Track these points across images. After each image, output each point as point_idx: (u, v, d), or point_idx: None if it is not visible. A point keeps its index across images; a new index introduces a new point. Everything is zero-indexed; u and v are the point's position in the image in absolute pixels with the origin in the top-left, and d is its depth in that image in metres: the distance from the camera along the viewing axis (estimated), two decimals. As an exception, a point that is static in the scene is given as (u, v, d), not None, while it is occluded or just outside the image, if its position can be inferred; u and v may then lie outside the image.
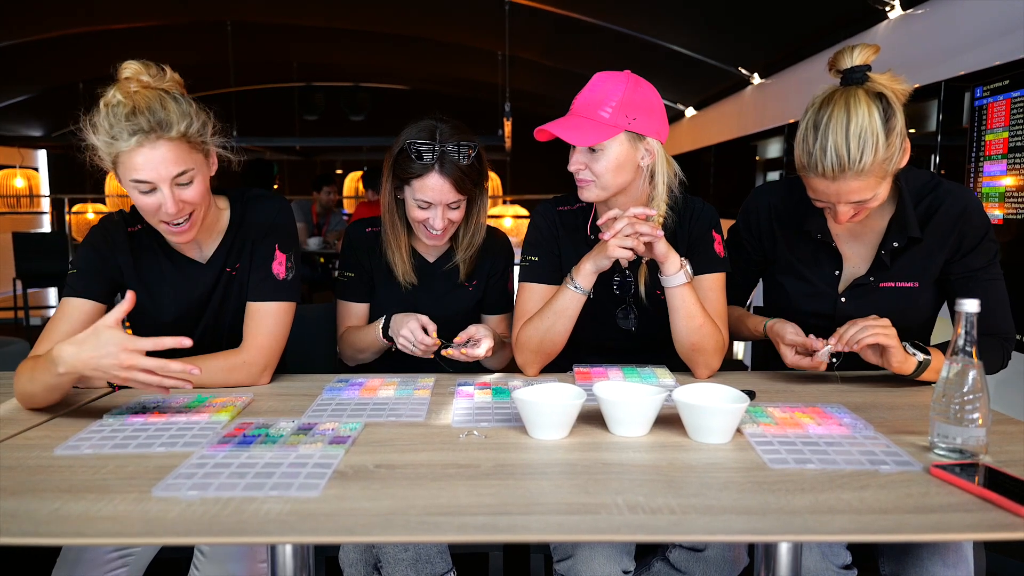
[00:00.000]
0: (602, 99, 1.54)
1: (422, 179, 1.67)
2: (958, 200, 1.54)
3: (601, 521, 0.89)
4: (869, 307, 1.58)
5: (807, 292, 1.66)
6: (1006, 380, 1.62)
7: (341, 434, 1.20)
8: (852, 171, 1.38)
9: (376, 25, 6.82)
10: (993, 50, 2.98)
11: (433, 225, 1.71)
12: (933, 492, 0.97)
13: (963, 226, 1.53)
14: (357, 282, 1.86)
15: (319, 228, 6.39)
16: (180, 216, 1.44)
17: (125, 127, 1.36)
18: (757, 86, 5.89)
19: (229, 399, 1.43)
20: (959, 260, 1.55)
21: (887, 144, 1.38)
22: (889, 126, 1.39)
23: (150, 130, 1.36)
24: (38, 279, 6.75)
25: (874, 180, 1.41)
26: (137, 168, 1.38)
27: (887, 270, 1.59)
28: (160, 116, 1.37)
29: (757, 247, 1.75)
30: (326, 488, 0.98)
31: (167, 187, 1.40)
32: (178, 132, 1.39)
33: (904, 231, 1.54)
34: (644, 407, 1.20)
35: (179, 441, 1.17)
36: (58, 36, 6.37)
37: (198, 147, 1.45)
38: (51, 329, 1.45)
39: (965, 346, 1.09)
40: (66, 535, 0.88)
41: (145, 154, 1.37)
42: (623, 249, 1.50)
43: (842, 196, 1.43)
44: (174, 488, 0.97)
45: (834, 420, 1.27)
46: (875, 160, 1.38)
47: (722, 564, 1.42)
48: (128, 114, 1.36)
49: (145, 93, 1.39)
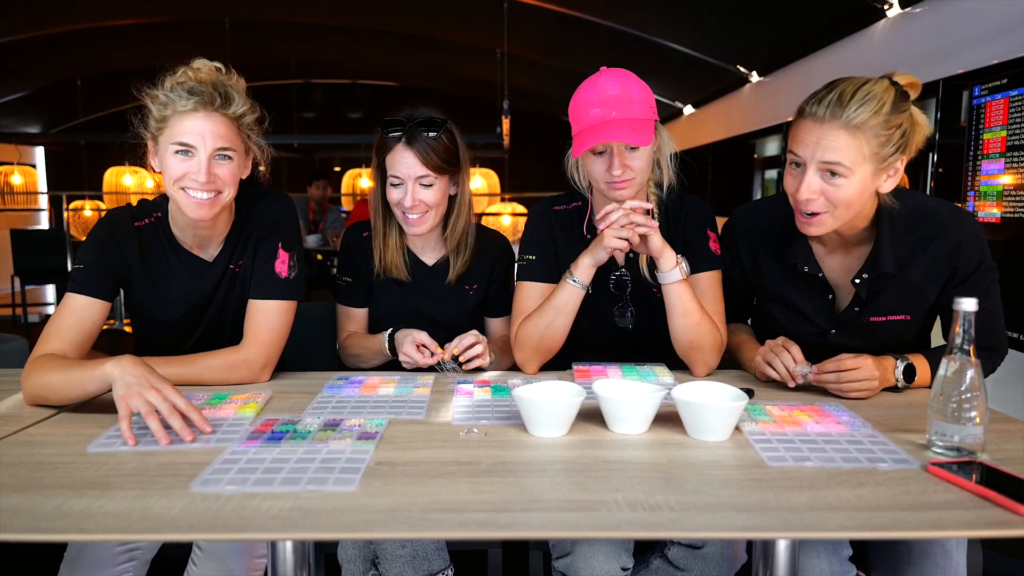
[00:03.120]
0: (630, 96, 1.51)
1: (392, 153, 1.71)
2: (952, 234, 1.46)
3: (600, 518, 0.90)
4: (861, 340, 1.54)
5: (798, 321, 1.61)
6: (1004, 379, 1.62)
7: (368, 430, 1.21)
8: (842, 119, 1.33)
9: (374, 22, 6.81)
10: (991, 49, 2.98)
11: (404, 203, 1.72)
12: (931, 490, 0.98)
13: (957, 260, 1.47)
14: (356, 287, 1.87)
15: (315, 225, 6.39)
16: (208, 188, 1.46)
17: (188, 90, 1.43)
18: (755, 84, 5.89)
19: (250, 395, 1.43)
20: (952, 289, 1.48)
21: (886, 122, 1.34)
22: (897, 109, 1.35)
23: (210, 99, 1.44)
24: (36, 276, 6.74)
25: (856, 149, 1.34)
26: (185, 132, 1.43)
27: (866, 304, 1.52)
28: (223, 91, 1.46)
29: (740, 273, 1.70)
30: (339, 485, 0.98)
31: (206, 156, 1.44)
32: (235, 112, 1.48)
33: (876, 266, 1.47)
34: (643, 405, 1.21)
35: (212, 438, 1.18)
36: (56, 33, 6.35)
37: (244, 137, 1.52)
38: (57, 326, 1.44)
39: (963, 345, 1.10)
40: (69, 531, 0.88)
41: (199, 120, 1.43)
42: (619, 239, 1.51)
43: (819, 149, 1.35)
44: (212, 483, 0.98)
45: (832, 418, 1.27)
46: (869, 123, 1.33)
47: (720, 561, 1.42)
48: (193, 84, 1.44)
49: (211, 75, 1.48)
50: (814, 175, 1.38)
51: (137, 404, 1.16)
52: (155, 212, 1.59)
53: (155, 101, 1.44)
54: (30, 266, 6.58)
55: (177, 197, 1.47)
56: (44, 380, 1.32)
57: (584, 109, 1.52)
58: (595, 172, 1.57)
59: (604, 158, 1.54)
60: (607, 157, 1.53)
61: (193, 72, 1.47)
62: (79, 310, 1.47)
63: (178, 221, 1.57)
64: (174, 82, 1.45)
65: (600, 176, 1.56)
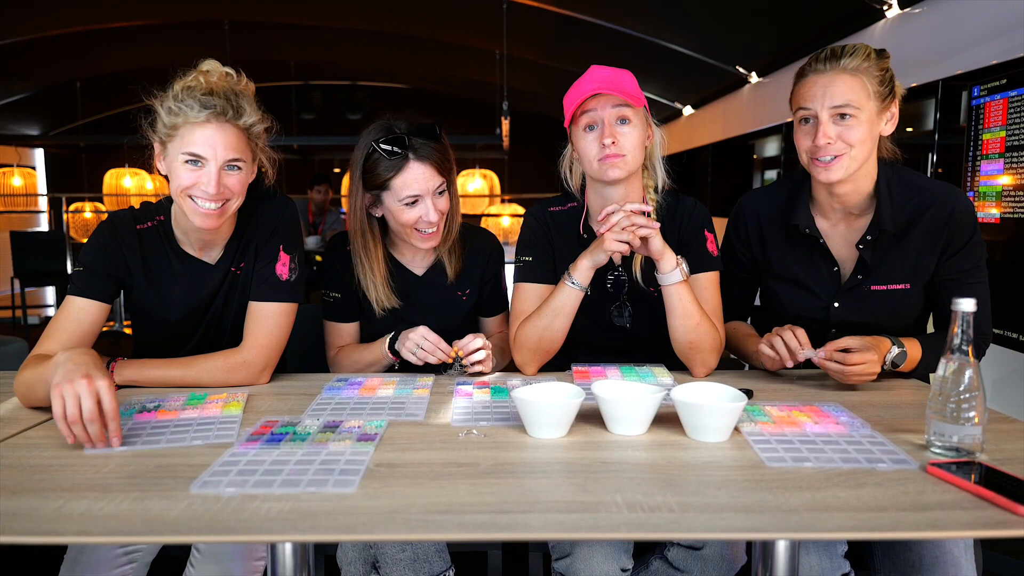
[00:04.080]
0: (620, 78, 1.58)
1: (401, 174, 1.63)
2: (947, 201, 1.55)
3: (600, 519, 0.90)
4: (862, 312, 1.59)
5: (801, 297, 1.67)
6: (1004, 379, 1.62)
7: (368, 432, 1.21)
8: (842, 63, 1.48)
9: (374, 24, 6.81)
10: (990, 49, 2.99)
11: (428, 219, 1.65)
12: (929, 490, 0.98)
13: (951, 227, 1.54)
14: (343, 302, 1.80)
15: (315, 227, 6.39)
16: (217, 199, 1.45)
17: (199, 100, 1.41)
18: (755, 85, 5.89)
19: (228, 395, 1.44)
20: (946, 261, 1.56)
21: (878, 64, 1.50)
22: (882, 56, 1.52)
23: (223, 111, 1.42)
24: (36, 278, 6.73)
25: (860, 87, 1.48)
26: (197, 142, 1.42)
27: (870, 270, 1.59)
28: (235, 102, 1.45)
29: (748, 253, 1.75)
30: (338, 487, 0.98)
31: (216, 167, 1.43)
32: (246, 123, 1.46)
33: (878, 226, 1.56)
34: (642, 406, 1.21)
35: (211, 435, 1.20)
36: (55, 35, 6.34)
37: (253, 147, 1.51)
38: (55, 328, 1.45)
39: (961, 345, 1.10)
40: (68, 534, 0.88)
41: (210, 131, 1.42)
42: (619, 243, 1.51)
43: (828, 96, 1.48)
44: (212, 485, 0.98)
45: (831, 419, 1.27)
46: (863, 65, 1.48)
47: (720, 562, 1.42)
48: (205, 92, 1.42)
49: (223, 82, 1.46)
50: (827, 121, 1.50)
51: (59, 397, 1.09)
52: (158, 215, 1.59)
53: (165, 106, 1.43)
54: (30, 268, 6.58)
55: (184, 204, 1.47)
56: (22, 379, 1.35)
57: (576, 90, 1.59)
58: (587, 151, 1.59)
59: (595, 133, 1.57)
60: (598, 131, 1.57)
61: (204, 77, 1.45)
62: (77, 312, 1.47)
63: (181, 225, 1.57)
64: (184, 86, 1.43)
65: (592, 154, 1.58)
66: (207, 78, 1.46)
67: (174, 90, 1.44)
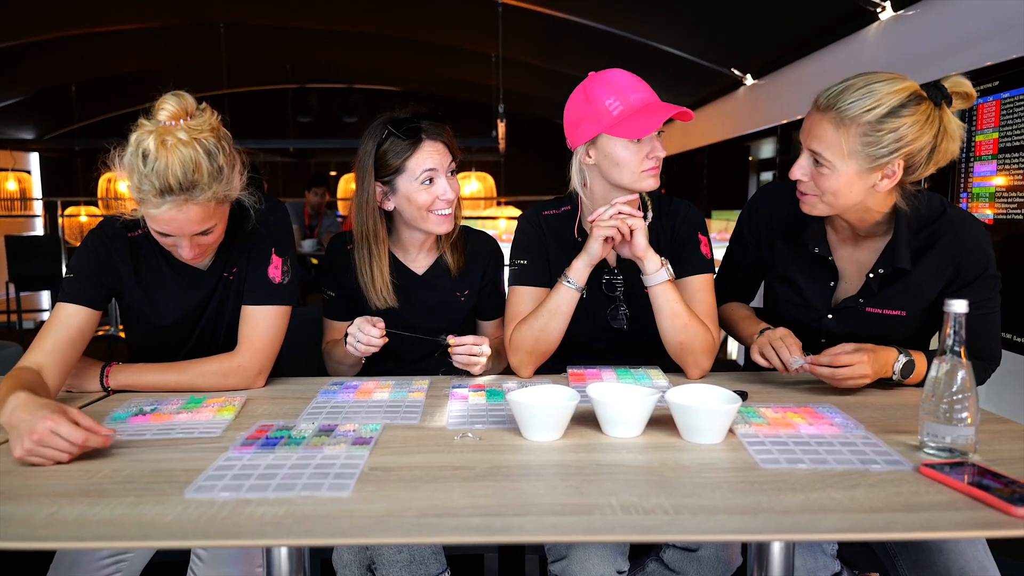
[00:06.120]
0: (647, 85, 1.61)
1: (416, 153, 1.66)
2: (959, 236, 1.49)
3: (595, 522, 0.90)
4: (854, 329, 1.57)
5: (797, 303, 1.66)
6: (1000, 380, 1.62)
7: (363, 435, 1.21)
8: (833, 111, 1.40)
9: (369, 27, 6.81)
10: (983, 51, 3.00)
11: (446, 197, 1.68)
12: (923, 491, 0.98)
13: (960, 262, 1.49)
14: (340, 301, 1.81)
15: (311, 230, 6.38)
16: (195, 258, 1.47)
17: (156, 188, 1.32)
18: (750, 87, 5.91)
19: (226, 398, 1.44)
20: (953, 292, 1.49)
21: (876, 124, 1.37)
22: (897, 114, 1.38)
23: (179, 193, 1.34)
24: (31, 282, 6.72)
25: (837, 144, 1.40)
26: (161, 224, 1.39)
27: (874, 296, 1.56)
28: (192, 179, 1.33)
29: (756, 248, 1.74)
30: (333, 490, 0.98)
31: (186, 240, 1.42)
32: (207, 197, 1.37)
33: (892, 260, 1.51)
34: (637, 408, 1.21)
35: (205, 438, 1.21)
36: (50, 38, 6.33)
37: (223, 205, 1.45)
38: (44, 335, 1.44)
39: (954, 346, 1.10)
40: (63, 539, 0.88)
41: (172, 215, 1.36)
42: (608, 228, 1.54)
43: (810, 136, 1.44)
44: (206, 490, 0.98)
45: (825, 420, 1.28)
46: (858, 119, 1.38)
47: (715, 564, 1.42)
48: (161, 175, 1.32)
49: (180, 150, 1.32)
50: (805, 158, 1.48)
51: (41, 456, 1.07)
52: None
53: (127, 177, 1.36)
54: (25, 272, 6.56)
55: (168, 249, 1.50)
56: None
57: (621, 93, 1.57)
58: (629, 162, 1.57)
59: (644, 144, 1.57)
60: (647, 143, 1.57)
61: (159, 142, 1.32)
62: (66, 318, 1.46)
63: None
64: (140, 156, 1.33)
65: (635, 165, 1.57)
66: (162, 143, 1.31)
67: (133, 153, 1.34)
